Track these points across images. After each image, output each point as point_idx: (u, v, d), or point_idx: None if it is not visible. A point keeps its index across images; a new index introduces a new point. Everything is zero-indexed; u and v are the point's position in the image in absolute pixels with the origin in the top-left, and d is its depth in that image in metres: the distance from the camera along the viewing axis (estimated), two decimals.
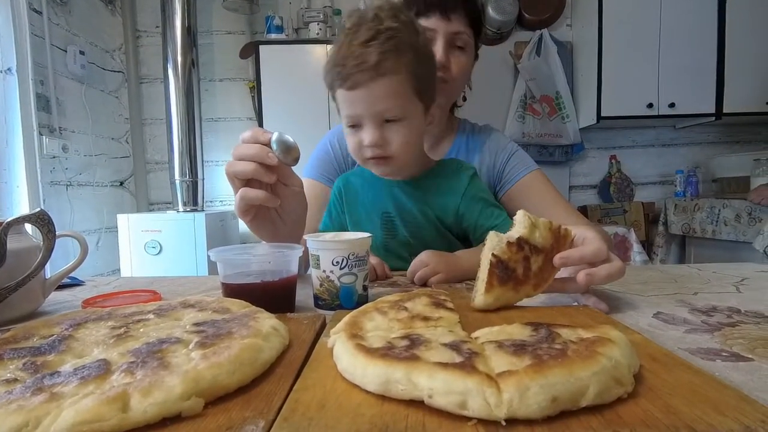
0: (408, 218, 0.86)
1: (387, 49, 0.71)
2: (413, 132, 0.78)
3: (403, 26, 0.74)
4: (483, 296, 0.51)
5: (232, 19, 3.05)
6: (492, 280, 0.51)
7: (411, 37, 0.75)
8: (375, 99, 0.73)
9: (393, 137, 0.76)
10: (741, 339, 0.44)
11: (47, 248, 0.58)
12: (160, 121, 2.99)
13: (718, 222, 2.61)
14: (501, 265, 0.51)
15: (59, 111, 2.41)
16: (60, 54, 2.45)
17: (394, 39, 0.72)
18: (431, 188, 0.86)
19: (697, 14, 2.82)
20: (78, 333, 0.41)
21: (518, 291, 0.53)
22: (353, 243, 0.56)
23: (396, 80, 0.73)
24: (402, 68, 0.73)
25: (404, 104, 0.75)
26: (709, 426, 0.26)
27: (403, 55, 0.73)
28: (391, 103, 0.73)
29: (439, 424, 0.27)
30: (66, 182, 2.48)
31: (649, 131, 3.26)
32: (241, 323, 0.41)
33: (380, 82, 0.72)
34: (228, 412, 0.30)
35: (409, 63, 0.74)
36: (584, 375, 0.28)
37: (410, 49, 0.74)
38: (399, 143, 0.76)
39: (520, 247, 0.53)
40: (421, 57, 0.76)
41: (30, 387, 0.30)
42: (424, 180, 0.86)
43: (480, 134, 1.08)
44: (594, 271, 0.53)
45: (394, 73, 0.72)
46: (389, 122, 0.75)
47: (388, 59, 0.71)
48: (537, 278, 0.53)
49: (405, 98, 0.75)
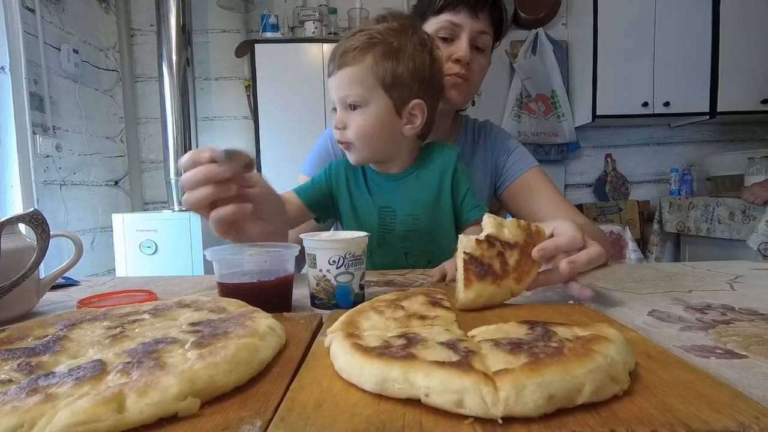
0: (407, 211, 0.86)
1: (359, 44, 0.78)
2: (371, 121, 0.79)
3: (389, 30, 0.80)
4: (463, 293, 0.51)
5: (227, 17, 3.04)
6: (469, 276, 0.51)
7: (396, 38, 0.79)
8: (340, 84, 0.80)
9: (351, 123, 0.80)
10: (735, 336, 0.44)
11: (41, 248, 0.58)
12: (155, 120, 2.97)
13: (712, 220, 2.63)
14: (475, 261, 0.52)
15: (53, 110, 2.39)
16: (53, 52, 2.43)
17: (371, 37, 0.78)
18: (425, 173, 0.86)
19: (691, 13, 2.83)
20: (73, 333, 0.41)
21: (500, 285, 0.52)
22: (350, 242, 0.56)
23: (359, 68, 0.78)
24: (367, 60, 0.78)
25: (365, 93, 0.78)
26: (703, 423, 0.26)
27: (372, 49, 0.78)
28: (352, 89, 0.78)
29: (435, 423, 0.27)
30: (60, 182, 2.46)
31: (644, 130, 3.28)
32: (238, 323, 0.41)
33: (346, 69, 0.78)
34: (225, 412, 0.29)
35: (379, 57, 0.78)
36: (580, 373, 0.28)
37: (385, 45, 0.78)
38: (354, 129, 0.80)
39: (491, 244, 0.53)
40: (398, 56, 0.79)
41: (25, 388, 0.30)
42: (416, 169, 0.87)
43: (481, 131, 1.09)
44: (574, 258, 0.53)
45: (358, 63, 0.78)
46: (353, 109, 0.80)
47: (357, 51, 0.78)
48: (517, 272, 0.53)
49: (366, 87, 0.78)
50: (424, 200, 0.85)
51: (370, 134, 0.80)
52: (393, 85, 0.79)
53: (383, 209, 0.87)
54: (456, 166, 0.86)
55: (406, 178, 0.86)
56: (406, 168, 0.87)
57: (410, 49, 0.80)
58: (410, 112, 0.82)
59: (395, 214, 0.86)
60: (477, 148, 1.07)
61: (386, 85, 0.78)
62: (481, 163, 1.06)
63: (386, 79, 0.78)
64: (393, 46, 0.79)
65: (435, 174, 0.86)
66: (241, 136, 3.13)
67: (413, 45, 0.80)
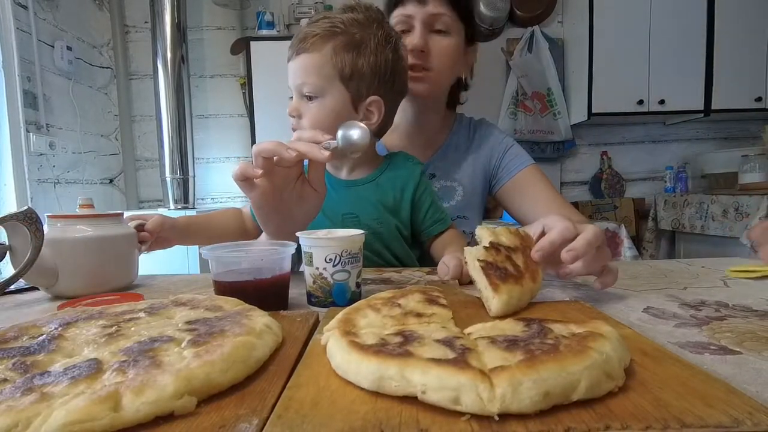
0: (371, 216, 0.86)
1: (320, 31, 0.76)
2: (326, 113, 0.78)
3: (354, 20, 0.78)
4: (496, 298, 0.49)
5: (222, 14, 3.02)
6: (493, 280, 0.50)
7: (360, 30, 0.78)
8: (297, 71, 0.78)
9: (306, 113, 0.79)
10: (729, 333, 0.44)
11: (35, 247, 0.58)
12: (150, 117, 2.95)
13: (706, 217, 2.65)
14: (492, 266, 0.52)
15: (47, 108, 2.37)
16: (47, 49, 2.41)
17: (333, 26, 0.77)
18: (387, 183, 0.87)
19: (686, 11, 2.85)
20: (68, 332, 0.41)
21: (522, 285, 0.52)
22: (346, 240, 0.56)
23: (317, 56, 0.76)
24: (327, 48, 0.76)
25: (321, 83, 0.77)
26: (698, 418, 0.26)
27: (333, 38, 0.76)
28: (308, 78, 0.77)
29: (432, 420, 0.27)
30: (54, 180, 2.45)
31: (639, 128, 3.29)
32: (234, 321, 0.41)
33: (304, 55, 0.77)
34: (221, 411, 0.29)
35: (339, 47, 0.76)
36: (576, 369, 0.29)
37: (347, 36, 0.77)
38: (309, 120, 0.79)
39: (497, 249, 0.54)
40: (360, 48, 0.77)
41: (20, 387, 0.30)
42: (378, 176, 0.87)
43: (476, 129, 1.08)
44: (573, 245, 0.53)
45: (315, 51, 0.76)
46: (310, 99, 0.79)
47: (317, 38, 0.76)
48: (529, 272, 0.53)
49: (323, 77, 0.77)
50: (384, 207, 0.86)
51: (323, 126, 0.78)
52: (351, 77, 0.77)
53: (346, 216, 0.87)
54: (418, 183, 0.87)
55: (367, 185, 0.87)
56: (368, 174, 0.87)
57: (373, 44, 0.78)
58: (367, 108, 0.80)
59: (359, 221, 0.86)
60: (471, 145, 1.06)
61: (344, 77, 0.77)
62: (474, 161, 1.05)
63: (345, 71, 0.77)
64: (355, 37, 0.77)
65: (396, 185, 0.86)
66: (236, 134, 3.12)
67: (377, 39, 0.78)
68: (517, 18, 3.10)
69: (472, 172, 1.05)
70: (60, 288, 0.66)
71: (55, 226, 0.67)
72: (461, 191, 1.05)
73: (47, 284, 0.66)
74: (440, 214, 0.88)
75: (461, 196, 1.04)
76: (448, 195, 1.05)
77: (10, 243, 0.61)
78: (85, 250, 0.67)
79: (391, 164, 0.89)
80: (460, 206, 1.04)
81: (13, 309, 0.63)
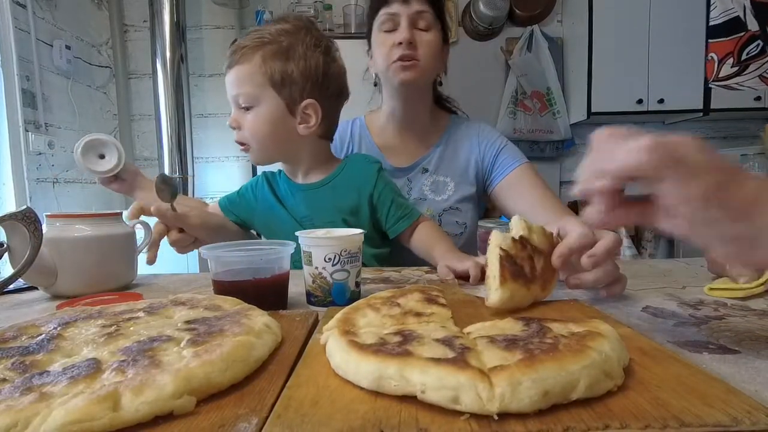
0: (325, 219, 0.87)
1: (249, 43, 0.80)
2: (263, 120, 0.82)
3: (282, 30, 0.82)
4: (498, 291, 0.49)
5: (221, 13, 3.02)
6: (504, 273, 0.49)
7: (287, 38, 0.81)
8: (231, 83, 0.82)
9: (244, 123, 0.82)
10: (728, 332, 0.44)
11: (34, 246, 0.58)
12: (149, 117, 2.95)
13: None
14: (510, 260, 0.50)
15: (45, 107, 2.36)
16: (46, 49, 2.40)
17: (261, 37, 0.80)
18: (342, 186, 0.88)
19: (685, 10, 2.85)
20: (67, 332, 0.41)
21: (529, 288, 0.51)
22: (345, 240, 0.56)
23: (247, 67, 0.80)
24: (256, 58, 0.80)
25: (254, 92, 0.80)
26: (696, 417, 0.26)
27: (262, 48, 0.80)
28: (241, 88, 0.81)
29: (432, 419, 0.27)
30: (52, 179, 2.44)
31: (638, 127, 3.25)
32: (233, 321, 0.41)
33: (236, 67, 0.81)
34: (221, 410, 0.29)
35: (268, 55, 0.80)
36: (575, 369, 0.29)
37: (274, 45, 0.80)
38: (248, 129, 0.82)
39: (523, 246, 0.52)
40: (288, 55, 0.80)
41: (19, 387, 0.30)
42: (333, 179, 0.89)
43: (469, 128, 1.09)
44: (593, 251, 0.53)
45: (246, 62, 0.80)
46: (247, 110, 0.82)
47: (247, 49, 0.80)
48: (542, 279, 0.53)
49: (255, 85, 0.80)
50: (342, 210, 0.87)
51: (263, 134, 0.82)
52: (283, 83, 0.80)
53: (303, 219, 0.88)
54: (375, 183, 0.88)
55: (322, 188, 0.88)
56: (322, 178, 0.89)
57: (302, 49, 0.81)
58: (304, 112, 0.83)
59: (313, 224, 0.87)
60: (465, 144, 1.07)
61: (275, 83, 0.80)
62: (467, 158, 1.06)
63: (275, 78, 0.80)
64: (283, 45, 0.80)
65: (352, 186, 0.88)
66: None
67: (305, 45, 0.81)
68: (516, 17, 3.10)
69: (466, 168, 1.07)
70: (59, 287, 0.66)
71: (54, 226, 0.67)
72: (452, 186, 1.06)
73: (46, 284, 0.66)
74: (403, 211, 0.88)
75: (452, 190, 1.06)
76: (440, 189, 1.07)
77: (8, 242, 0.61)
78: (84, 250, 0.67)
79: (347, 166, 0.90)
80: (452, 200, 1.06)
81: (11, 308, 0.63)
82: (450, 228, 1.05)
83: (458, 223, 1.05)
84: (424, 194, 1.06)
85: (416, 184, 1.07)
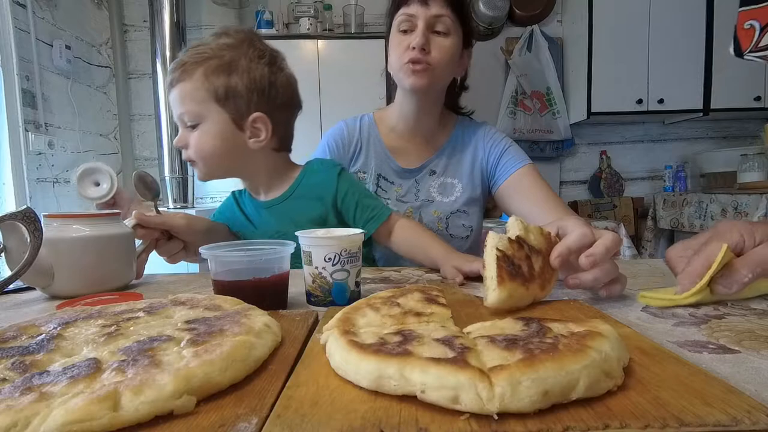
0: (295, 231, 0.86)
1: (188, 59, 0.78)
2: (210, 136, 0.80)
3: (223, 44, 0.80)
4: (496, 291, 0.49)
5: (221, 13, 3.02)
6: (502, 273, 0.49)
7: (229, 52, 0.79)
8: (174, 102, 0.80)
9: (191, 142, 0.81)
10: (728, 331, 0.44)
11: (34, 246, 0.58)
12: (149, 116, 2.95)
13: (705, 216, 2.65)
14: (507, 260, 0.50)
15: (45, 107, 2.37)
16: (46, 48, 2.41)
17: (201, 52, 0.78)
18: (304, 197, 0.87)
19: (685, 11, 2.85)
20: (67, 332, 0.41)
21: (528, 288, 0.51)
22: (345, 239, 0.56)
23: (189, 84, 0.78)
24: (197, 74, 0.78)
25: (197, 109, 0.79)
26: (696, 417, 0.26)
27: (203, 63, 0.78)
28: (185, 106, 0.79)
29: (431, 419, 0.27)
30: (52, 179, 2.44)
31: (638, 127, 3.30)
32: (233, 320, 0.40)
33: (178, 85, 0.79)
34: (221, 410, 0.29)
35: (210, 71, 0.78)
36: (575, 368, 0.29)
37: (216, 60, 0.78)
38: (193, 147, 0.81)
39: (520, 246, 0.52)
40: (231, 69, 0.79)
41: (19, 387, 0.30)
42: (294, 191, 0.88)
43: (475, 129, 1.09)
44: (592, 251, 0.52)
45: (187, 79, 0.78)
46: (192, 128, 0.80)
47: (187, 65, 0.78)
48: (541, 279, 0.53)
49: (198, 102, 0.78)
50: (312, 220, 0.86)
51: (211, 150, 0.81)
52: (227, 98, 0.78)
53: (276, 235, 0.85)
54: (337, 187, 0.86)
55: (285, 202, 0.87)
56: (283, 192, 0.88)
57: (245, 63, 0.79)
58: (252, 126, 0.81)
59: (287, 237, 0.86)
60: (470, 145, 1.07)
61: (219, 98, 0.78)
62: (473, 160, 1.07)
63: (219, 93, 0.78)
64: (224, 59, 0.79)
65: (314, 197, 0.87)
66: None
67: (248, 58, 0.80)
68: (516, 17, 3.10)
69: (471, 170, 1.07)
70: (56, 288, 0.66)
71: (51, 226, 0.67)
72: (460, 188, 1.06)
73: (43, 284, 0.66)
74: (371, 212, 0.87)
75: (460, 192, 1.06)
76: (448, 191, 1.07)
77: (4, 243, 0.61)
78: (82, 250, 0.67)
79: (306, 176, 0.89)
80: (460, 201, 1.06)
81: (11, 309, 0.63)
82: (457, 231, 1.05)
83: (465, 226, 1.05)
84: (432, 196, 1.06)
85: (424, 186, 1.07)
